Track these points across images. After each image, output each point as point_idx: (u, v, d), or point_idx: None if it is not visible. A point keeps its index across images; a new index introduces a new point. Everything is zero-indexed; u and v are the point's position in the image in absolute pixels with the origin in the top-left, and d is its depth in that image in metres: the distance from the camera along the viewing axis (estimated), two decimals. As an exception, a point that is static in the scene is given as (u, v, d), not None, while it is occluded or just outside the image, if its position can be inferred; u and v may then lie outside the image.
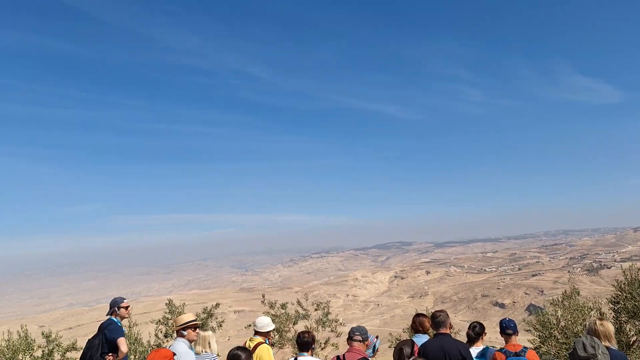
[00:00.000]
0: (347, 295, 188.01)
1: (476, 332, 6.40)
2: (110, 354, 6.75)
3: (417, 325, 6.17)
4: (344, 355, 5.44)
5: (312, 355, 5.89)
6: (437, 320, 5.62)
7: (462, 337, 6.88)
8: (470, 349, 5.87)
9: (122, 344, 6.70)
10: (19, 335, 9.48)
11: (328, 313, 11.63)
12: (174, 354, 3.95)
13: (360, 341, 5.56)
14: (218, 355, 6.44)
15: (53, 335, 9.76)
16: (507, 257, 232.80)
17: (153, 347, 10.64)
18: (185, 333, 5.94)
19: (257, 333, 6.63)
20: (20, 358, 8.78)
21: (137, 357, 10.21)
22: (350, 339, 5.62)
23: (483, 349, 6.17)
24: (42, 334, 9.72)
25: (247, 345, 6.32)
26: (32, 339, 9.26)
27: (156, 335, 10.93)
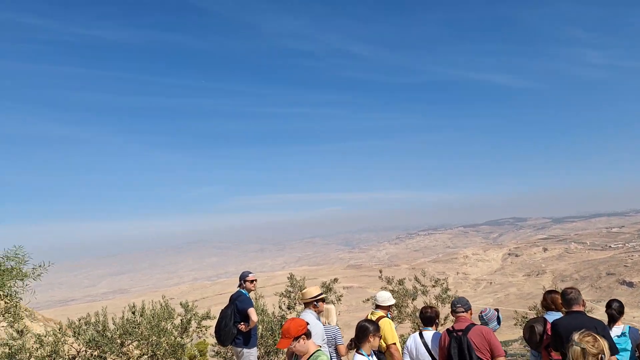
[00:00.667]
0: (457, 273, 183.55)
1: (618, 310, 5.92)
2: (242, 323, 7.30)
3: (548, 302, 5.88)
4: (452, 326, 5.46)
5: (436, 329, 5.91)
6: (569, 297, 5.30)
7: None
8: (612, 330, 5.49)
9: (253, 313, 7.20)
10: (160, 305, 10.55)
11: (447, 289, 11.47)
12: (307, 323, 4.18)
13: (463, 312, 5.55)
14: (338, 326, 6.68)
15: (190, 305, 10.77)
16: (635, 232, 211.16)
17: (278, 317, 11.31)
18: (318, 305, 6.25)
19: (378, 307, 6.75)
20: (163, 324, 9.81)
21: (263, 326, 10.93)
22: (453, 312, 5.64)
23: (625, 328, 5.72)
24: (180, 304, 10.77)
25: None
26: (172, 309, 10.30)
27: (279, 307, 11.59)
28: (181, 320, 10.53)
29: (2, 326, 8.73)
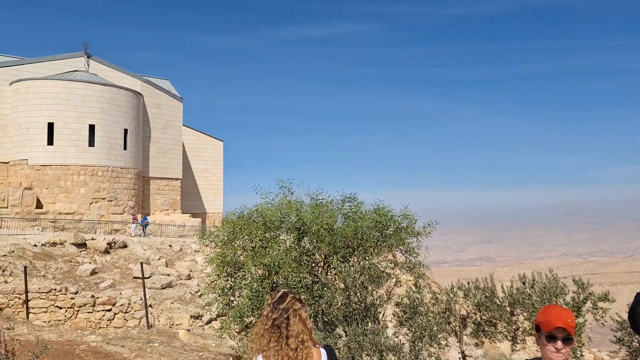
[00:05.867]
0: None
1: None
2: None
3: None
4: None
5: None
6: None
7: None
8: None
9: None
10: (547, 278, 9.81)
11: None
12: None
13: None
14: None
15: (585, 283, 9.62)
16: None
17: None
18: None
19: None
20: (555, 300, 9.07)
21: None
22: None
23: None
24: (573, 280, 9.75)
25: None
26: (563, 284, 9.44)
27: None
28: (572, 297, 9.55)
29: (408, 280, 9.77)
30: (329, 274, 10.16)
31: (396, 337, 8.87)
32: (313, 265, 10.44)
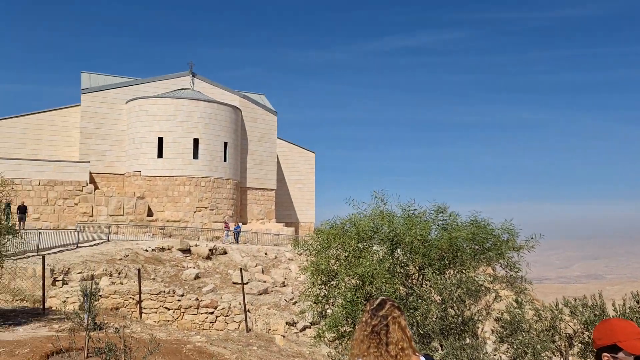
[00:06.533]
0: None
1: None
2: None
3: None
4: None
5: None
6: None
7: None
8: None
9: None
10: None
11: None
12: None
13: None
14: None
15: None
16: None
17: None
18: None
19: None
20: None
21: None
22: None
23: None
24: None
25: None
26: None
27: None
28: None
29: (508, 295, 9.39)
30: (423, 285, 10.03)
31: (496, 354, 8.54)
32: (406, 276, 10.37)
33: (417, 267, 10.19)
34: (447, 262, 9.91)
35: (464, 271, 9.82)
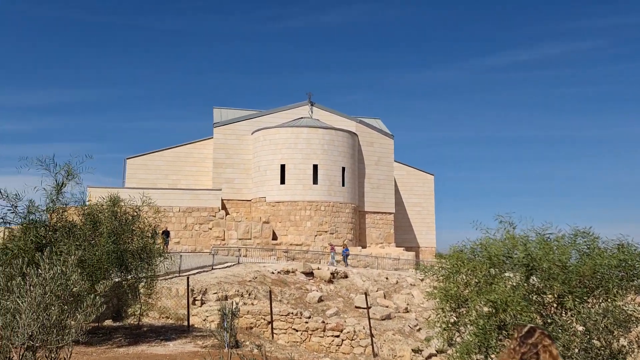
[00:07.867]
0: None
1: None
2: None
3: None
4: None
5: None
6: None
7: None
8: None
9: None
10: None
11: None
12: None
13: None
14: None
15: None
16: None
17: None
18: None
19: None
20: None
21: None
22: None
23: None
24: None
25: None
26: None
27: None
28: None
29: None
30: (563, 314, 9.37)
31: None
32: (542, 305, 9.76)
33: (555, 295, 9.56)
34: (589, 290, 9.18)
35: (610, 299, 9.03)
